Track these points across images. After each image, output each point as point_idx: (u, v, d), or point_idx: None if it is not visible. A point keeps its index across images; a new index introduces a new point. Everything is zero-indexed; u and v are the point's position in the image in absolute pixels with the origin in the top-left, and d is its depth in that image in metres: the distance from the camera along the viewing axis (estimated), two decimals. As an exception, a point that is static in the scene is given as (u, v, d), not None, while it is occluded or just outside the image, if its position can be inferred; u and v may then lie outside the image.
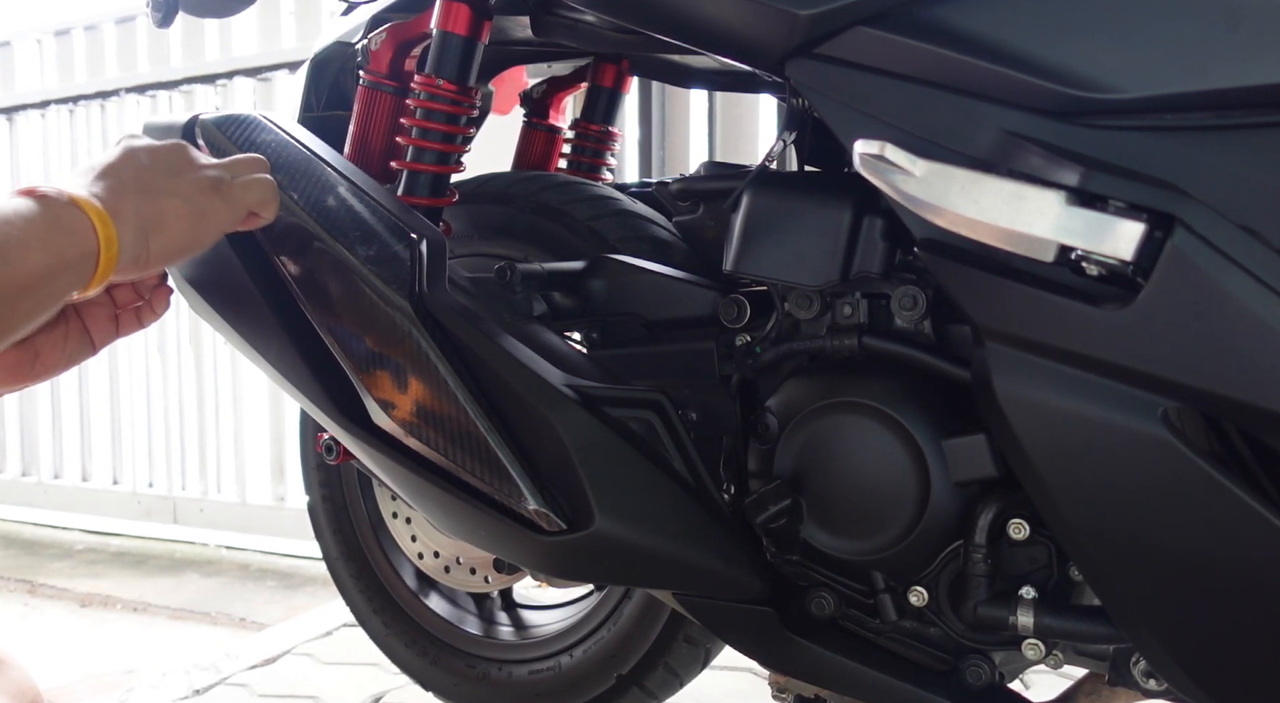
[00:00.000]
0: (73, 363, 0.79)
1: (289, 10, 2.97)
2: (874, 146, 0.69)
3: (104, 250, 0.67)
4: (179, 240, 0.73)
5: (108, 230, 0.67)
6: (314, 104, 1.19)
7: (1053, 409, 0.68)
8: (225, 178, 0.78)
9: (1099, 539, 0.69)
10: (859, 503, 0.84)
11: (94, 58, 3.43)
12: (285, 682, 1.75)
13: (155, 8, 1.07)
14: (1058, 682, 1.17)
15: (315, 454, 1.33)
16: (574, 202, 1.10)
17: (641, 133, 2.37)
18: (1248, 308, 0.61)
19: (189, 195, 0.74)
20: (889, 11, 0.72)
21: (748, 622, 0.88)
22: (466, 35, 0.98)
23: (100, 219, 0.67)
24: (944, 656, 0.85)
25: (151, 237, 0.71)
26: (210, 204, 0.76)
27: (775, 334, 0.90)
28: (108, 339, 0.81)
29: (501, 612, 1.35)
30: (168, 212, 0.72)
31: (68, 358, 0.79)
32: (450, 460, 0.89)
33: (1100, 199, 0.64)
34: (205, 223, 0.75)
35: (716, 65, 1.19)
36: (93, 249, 0.66)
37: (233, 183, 0.78)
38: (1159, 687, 0.77)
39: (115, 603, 2.69)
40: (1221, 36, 0.63)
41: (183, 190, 0.74)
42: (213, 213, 0.76)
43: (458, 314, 0.89)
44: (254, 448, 3.14)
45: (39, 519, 3.59)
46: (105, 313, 0.81)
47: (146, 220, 0.71)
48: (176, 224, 0.73)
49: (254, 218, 0.82)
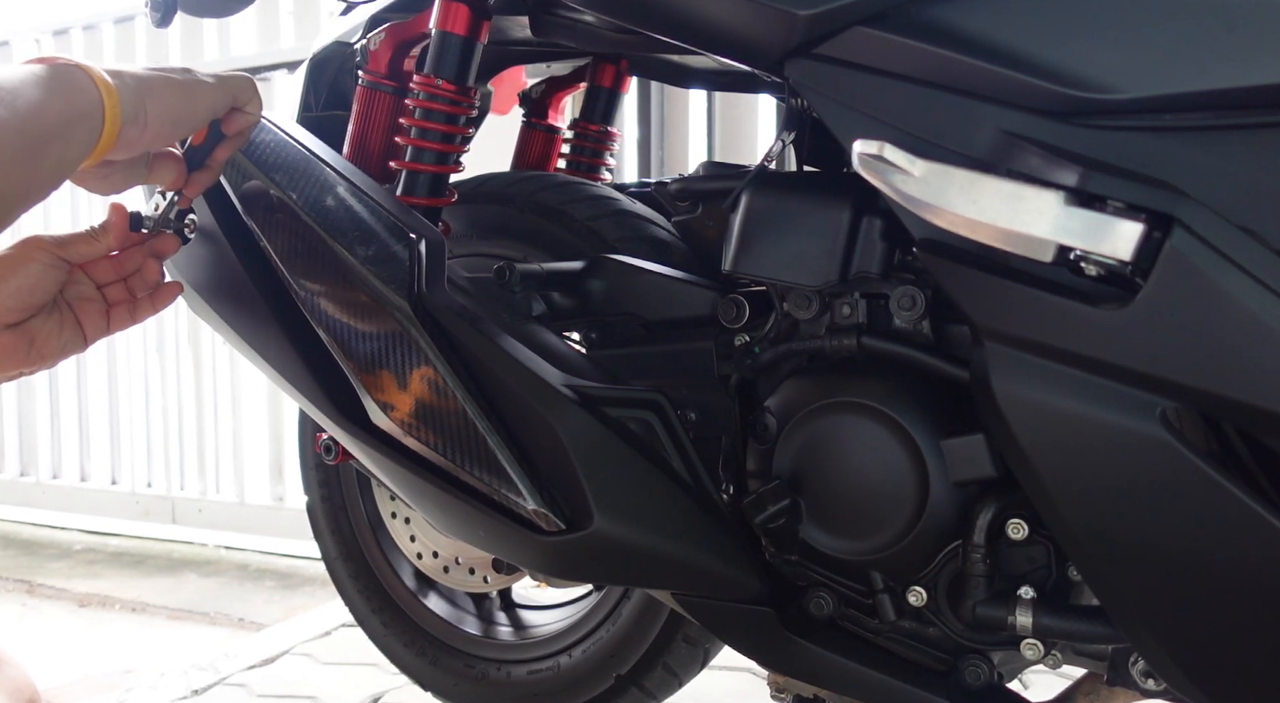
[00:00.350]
0: (65, 354, 0.82)
1: (288, 10, 2.97)
2: (873, 147, 0.69)
3: (107, 102, 0.73)
4: (173, 105, 0.79)
5: (108, 87, 0.74)
6: (313, 104, 1.19)
7: (1051, 409, 0.68)
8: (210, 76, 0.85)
9: (1097, 539, 0.69)
10: (858, 503, 0.84)
11: (92, 57, 3.41)
12: (284, 682, 1.74)
13: (154, 7, 1.07)
14: (1056, 682, 1.17)
15: (314, 454, 1.33)
16: (573, 202, 1.10)
17: (640, 133, 2.37)
18: (1246, 308, 0.61)
19: (178, 74, 0.81)
20: (888, 12, 0.72)
21: (747, 622, 0.88)
22: (465, 35, 0.98)
23: (101, 80, 0.73)
24: (943, 655, 0.85)
25: (148, 101, 0.77)
26: (199, 82, 0.82)
27: (774, 334, 0.90)
28: (99, 334, 0.84)
29: (500, 612, 1.35)
30: (161, 82, 0.79)
31: (61, 348, 0.81)
32: (449, 460, 0.89)
33: (1099, 199, 0.64)
34: (195, 94, 0.81)
35: (715, 65, 1.19)
36: (98, 101, 0.73)
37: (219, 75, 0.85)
38: (1157, 687, 0.77)
39: (113, 603, 2.69)
40: (1220, 37, 0.63)
41: (173, 71, 0.81)
42: (202, 89, 0.82)
43: (457, 314, 0.89)
44: (253, 448, 3.14)
45: (37, 519, 3.58)
46: (97, 308, 0.83)
47: (142, 86, 0.77)
48: (169, 91, 0.79)
49: (240, 114, 0.86)
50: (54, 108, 0.69)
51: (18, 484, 3.69)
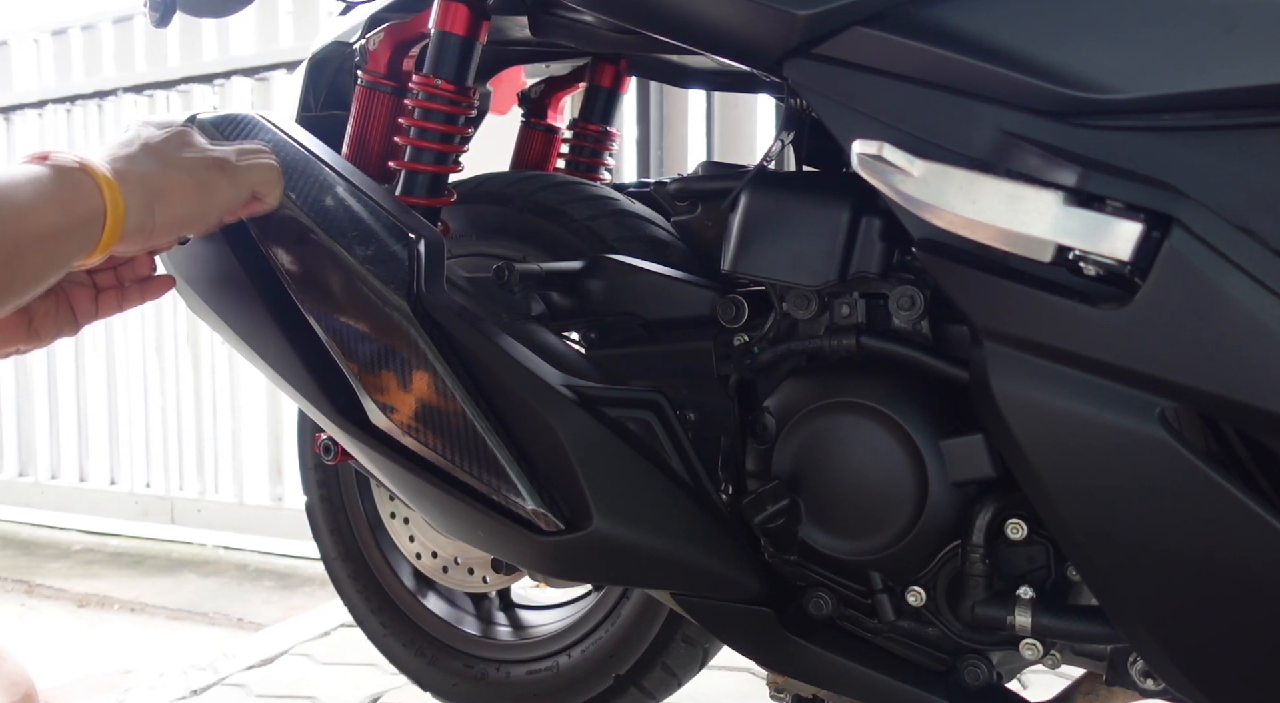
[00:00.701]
0: (61, 334, 0.82)
1: (287, 10, 2.97)
2: (872, 147, 0.69)
3: (110, 215, 0.69)
4: (183, 212, 0.75)
5: (114, 195, 0.69)
6: (312, 104, 1.19)
7: (1050, 409, 0.68)
8: (231, 158, 0.80)
9: (1096, 539, 0.69)
10: (857, 503, 0.84)
11: (91, 57, 3.43)
12: (283, 682, 1.74)
13: (153, 7, 1.07)
14: (1055, 682, 1.17)
15: (313, 454, 1.33)
16: (572, 202, 1.10)
17: (640, 133, 2.37)
18: (1245, 308, 0.61)
19: (195, 170, 0.76)
20: (887, 12, 0.72)
21: (746, 622, 0.88)
22: (464, 35, 0.98)
23: (108, 185, 0.69)
24: (942, 655, 0.85)
25: (157, 206, 0.73)
26: (215, 180, 0.78)
27: (773, 334, 0.90)
28: (88, 318, 0.84)
29: (499, 612, 1.35)
30: (173, 183, 0.74)
31: (57, 329, 0.82)
32: (448, 460, 0.89)
33: (1098, 199, 0.65)
34: (210, 197, 0.77)
35: (715, 65, 1.19)
36: (99, 212, 0.68)
37: (238, 163, 0.80)
38: (1156, 687, 0.77)
39: (112, 603, 2.69)
40: (1219, 37, 0.63)
41: (189, 165, 0.76)
42: (217, 189, 0.78)
43: (456, 314, 0.89)
44: (252, 448, 3.14)
45: (36, 519, 3.58)
46: (88, 293, 0.84)
47: (152, 190, 0.72)
48: (181, 196, 0.75)
49: (257, 202, 0.84)
50: (45, 217, 0.65)
51: (16, 484, 3.69)
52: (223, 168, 0.78)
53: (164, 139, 0.76)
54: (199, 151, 0.78)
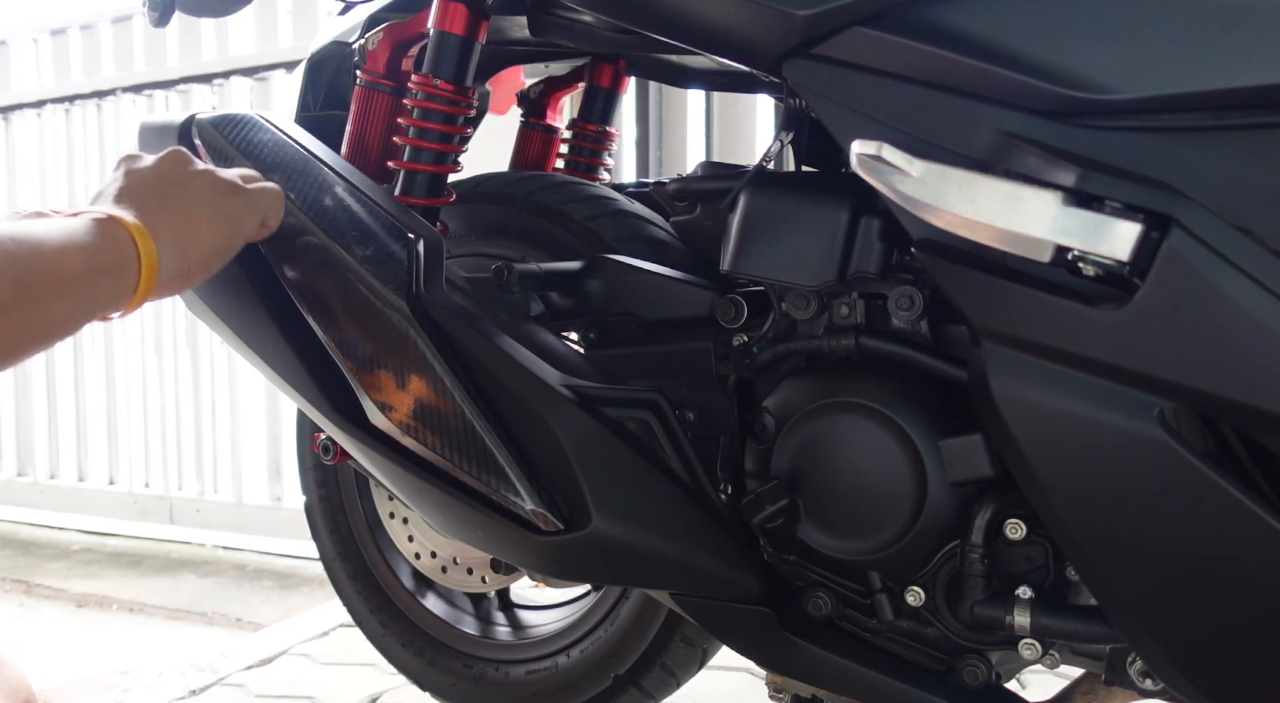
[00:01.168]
0: None
1: (286, 10, 2.97)
2: (871, 147, 0.69)
3: (145, 262, 0.68)
4: (214, 247, 0.75)
5: (147, 244, 0.69)
6: (311, 104, 1.19)
7: (1049, 409, 0.68)
8: (238, 182, 0.80)
9: (1095, 539, 0.69)
10: (856, 503, 0.84)
11: (90, 57, 3.43)
12: (282, 682, 1.74)
13: (152, 7, 1.07)
14: (1054, 682, 1.17)
15: (312, 454, 1.33)
16: (571, 202, 1.10)
17: (639, 133, 2.37)
18: (1244, 308, 0.61)
19: (214, 202, 0.76)
20: (886, 12, 0.72)
21: (745, 622, 0.88)
22: (464, 35, 0.98)
23: (139, 233, 0.69)
24: (941, 655, 0.85)
25: (189, 250, 0.72)
26: (235, 208, 0.77)
27: (772, 334, 0.90)
28: None
29: (498, 612, 1.35)
30: (200, 221, 0.74)
31: None
32: (447, 460, 0.89)
33: (1097, 200, 0.65)
34: (234, 227, 0.77)
35: (714, 65, 1.19)
36: (132, 259, 0.68)
37: (247, 187, 0.80)
38: (1155, 687, 0.77)
39: (111, 603, 2.69)
40: (1218, 37, 0.63)
41: (206, 198, 0.75)
42: (238, 217, 0.77)
43: (455, 314, 0.89)
44: (251, 448, 3.14)
45: (35, 519, 3.58)
46: None
47: (181, 234, 0.72)
48: (209, 231, 0.74)
49: (263, 228, 0.84)
50: (72, 262, 0.65)
51: (15, 484, 3.69)
52: (237, 193, 0.78)
53: (163, 172, 0.75)
54: (210, 180, 0.77)
